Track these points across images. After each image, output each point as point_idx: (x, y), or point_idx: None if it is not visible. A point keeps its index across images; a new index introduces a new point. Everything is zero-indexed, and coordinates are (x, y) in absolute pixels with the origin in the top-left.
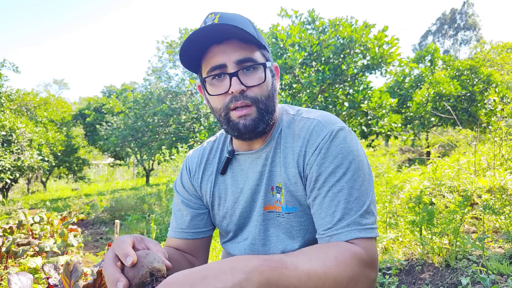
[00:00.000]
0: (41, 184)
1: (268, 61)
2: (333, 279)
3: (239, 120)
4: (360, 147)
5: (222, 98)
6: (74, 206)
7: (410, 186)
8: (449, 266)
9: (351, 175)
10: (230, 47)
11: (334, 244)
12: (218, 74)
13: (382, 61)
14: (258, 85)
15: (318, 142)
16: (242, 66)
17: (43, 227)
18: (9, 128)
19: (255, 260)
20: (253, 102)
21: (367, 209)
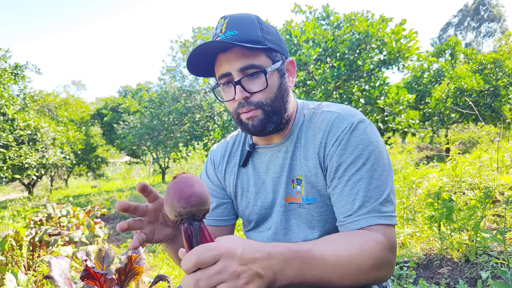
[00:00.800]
0: (63, 181)
1: (276, 62)
2: (357, 267)
3: (248, 122)
4: (379, 139)
5: (231, 103)
6: (96, 202)
7: (428, 183)
8: (468, 261)
9: (370, 165)
10: (233, 56)
11: (358, 233)
12: (225, 82)
13: (400, 55)
14: (261, 91)
15: (339, 133)
16: (245, 73)
17: (69, 219)
18: (34, 127)
19: (287, 251)
20: (258, 107)
21: (386, 197)
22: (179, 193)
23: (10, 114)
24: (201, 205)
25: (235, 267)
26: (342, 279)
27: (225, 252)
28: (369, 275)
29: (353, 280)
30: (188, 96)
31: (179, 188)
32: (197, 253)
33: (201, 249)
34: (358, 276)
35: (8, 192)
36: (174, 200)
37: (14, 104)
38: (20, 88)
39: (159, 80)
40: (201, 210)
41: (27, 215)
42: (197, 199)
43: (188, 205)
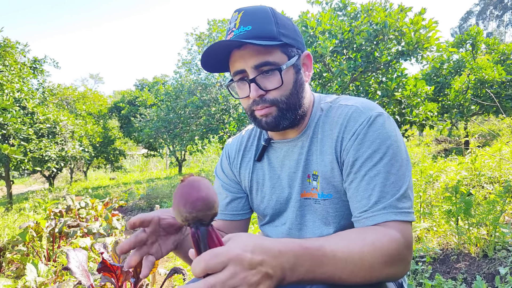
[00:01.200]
0: (82, 173)
1: (291, 57)
2: (369, 264)
3: (262, 118)
4: (398, 133)
5: (246, 100)
6: (114, 194)
7: (446, 177)
8: (486, 256)
9: (388, 160)
10: (247, 53)
11: (372, 229)
12: (240, 79)
13: (419, 46)
14: (276, 89)
15: (356, 127)
16: (260, 70)
17: (88, 211)
18: (53, 120)
19: (298, 249)
20: (273, 104)
21: (403, 193)
22: (185, 198)
23: (30, 108)
24: (208, 210)
25: (244, 273)
26: (353, 276)
27: (233, 257)
28: (381, 273)
29: (364, 277)
30: (203, 89)
31: (185, 193)
32: (206, 260)
33: (209, 255)
34: (370, 273)
35: (30, 184)
36: (180, 205)
37: (34, 97)
38: (39, 82)
39: (175, 73)
40: (208, 215)
41: (47, 206)
42: (203, 204)
43: (194, 211)
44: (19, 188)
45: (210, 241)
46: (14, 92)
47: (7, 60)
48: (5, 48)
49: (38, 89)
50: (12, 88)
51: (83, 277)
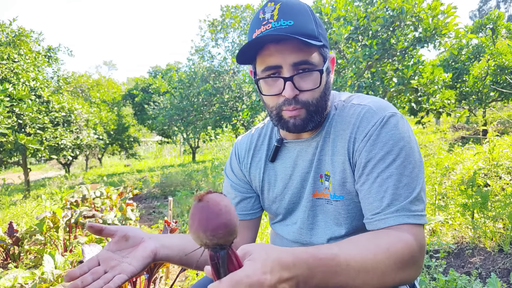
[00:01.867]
0: (98, 160)
1: (326, 59)
2: (382, 272)
3: (290, 120)
4: (411, 134)
5: (275, 98)
6: (128, 182)
7: (462, 167)
8: (502, 251)
9: (401, 161)
10: (287, 48)
11: (386, 233)
12: (272, 74)
13: (436, 32)
14: (311, 90)
15: (369, 128)
16: (298, 69)
17: (103, 201)
18: (68, 109)
19: (311, 261)
20: (304, 106)
21: (416, 196)
22: (205, 224)
23: (45, 97)
24: (229, 236)
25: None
26: (366, 284)
27: (254, 283)
28: (395, 278)
29: (377, 284)
30: (217, 77)
31: (205, 217)
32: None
33: (230, 283)
34: (383, 280)
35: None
36: (199, 231)
37: (49, 86)
38: (54, 71)
39: (188, 61)
40: (229, 240)
41: (63, 196)
42: (225, 231)
43: (215, 238)
44: (36, 174)
45: (229, 264)
46: (29, 81)
47: (22, 49)
48: (20, 37)
49: (52, 78)
50: (27, 77)
51: None
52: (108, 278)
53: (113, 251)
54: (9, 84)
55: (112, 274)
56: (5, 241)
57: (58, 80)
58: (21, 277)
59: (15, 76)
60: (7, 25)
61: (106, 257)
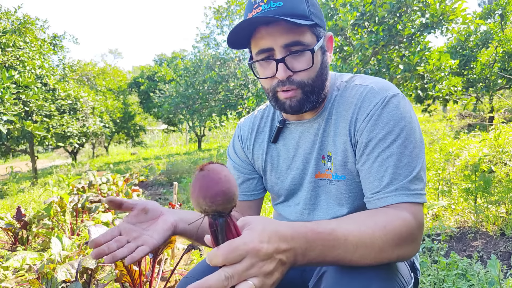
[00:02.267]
0: (104, 148)
1: (320, 38)
2: (379, 248)
3: (286, 101)
4: (413, 114)
5: (269, 80)
6: (134, 169)
7: (468, 154)
8: (504, 235)
9: (401, 141)
10: (277, 30)
11: (384, 211)
12: (265, 58)
13: (444, 18)
14: (305, 70)
15: (370, 108)
16: (290, 50)
17: (109, 187)
18: (74, 97)
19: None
20: (299, 86)
21: (416, 175)
22: (204, 191)
23: (51, 84)
24: (227, 203)
25: (261, 263)
26: (363, 259)
27: (251, 250)
28: (392, 254)
29: (374, 259)
30: (222, 64)
31: (205, 185)
32: (224, 254)
33: (227, 249)
34: (381, 255)
35: (53, 159)
36: (199, 198)
37: (55, 74)
38: (59, 58)
39: (193, 48)
40: (227, 208)
41: (70, 182)
42: (223, 198)
43: (214, 204)
44: (43, 162)
45: (228, 232)
46: (35, 69)
47: (27, 36)
48: (25, 24)
49: (58, 66)
50: (33, 65)
51: None
52: (132, 248)
53: (133, 224)
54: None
55: (135, 244)
56: (13, 225)
57: (64, 68)
58: (29, 258)
59: (21, 64)
60: (12, 13)
61: (127, 228)
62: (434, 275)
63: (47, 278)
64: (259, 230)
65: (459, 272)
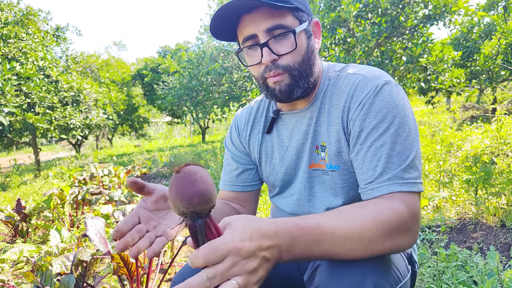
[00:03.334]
0: (108, 140)
1: (303, 22)
2: (369, 240)
3: (275, 86)
4: (406, 102)
5: (257, 67)
6: (137, 161)
7: (470, 145)
8: (504, 226)
9: (394, 129)
10: (259, 16)
11: (374, 202)
12: (250, 45)
13: (446, 10)
14: (290, 53)
15: (362, 97)
16: (272, 34)
17: (111, 179)
18: (77, 89)
19: (294, 230)
20: (285, 70)
21: (410, 163)
22: (181, 193)
23: (54, 76)
24: (205, 204)
25: (243, 261)
26: (353, 252)
27: (231, 249)
28: (384, 246)
29: (365, 252)
30: (226, 56)
31: (181, 187)
32: (205, 256)
33: (208, 250)
34: (371, 248)
35: (57, 151)
36: (176, 200)
37: (57, 66)
38: (62, 50)
39: (197, 40)
40: (205, 209)
41: (71, 174)
42: (200, 199)
43: (191, 206)
44: (47, 155)
45: (207, 233)
46: (38, 61)
47: (30, 28)
48: (28, 16)
49: (61, 57)
50: (36, 57)
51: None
52: (153, 238)
53: (150, 211)
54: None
55: (154, 233)
56: (13, 218)
57: (67, 59)
58: (27, 251)
59: (23, 56)
60: (14, 4)
61: (146, 216)
62: (434, 266)
63: (41, 271)
64: (240, 228)
65: (458, 263)
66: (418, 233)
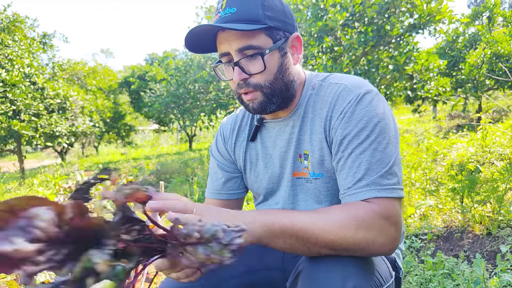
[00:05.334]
0: (94, 148)
1: (277, 40)
2: (339, 223)
3: (249, 103)
4: (387, 110)
5: (232, 83)
6: (124, 169)
7: (456, 153)
8: (490, 234)
9: (374, 137)
10: (231, 35)
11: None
12: (227, 62)
13: (430, 19)
14: (260, 73)
15: (344, 106)
16: (244, 54)
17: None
18: (63, 96)
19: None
20: (256, 88)
21: (389, 170)
22: None
23: (40, 83)
24: None
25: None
26: (325, 233)
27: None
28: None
29: (338, 235)
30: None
31: None
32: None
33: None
34: (343, 232)
35: (42, 159)
36: None
37: (44, 73)
38: (49, 57)
39: (185, 48)
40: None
41: (57, 182)
42: None
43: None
44: (32, 163)
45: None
46: (24, 68)
47: (16, 35)
48: (14, 23)
49: (48, 64)
50: (22, 63)
51: None
52: None
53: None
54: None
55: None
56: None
57: (53, 67)
58: None
59: (9, 62)
60: (1, 11)
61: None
62: (421, 274)
63: None
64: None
65: (445, 271)
66: (397, 239)
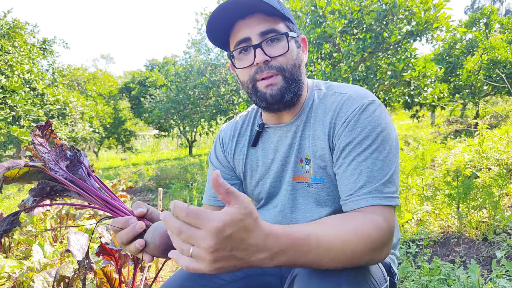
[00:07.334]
0: (94, 154)
1: (292, 31)
2: (351, 252)
3: (266, 90)
4: (388, 120)
5: (248, 70)
6: (124, 175)
7: (454, 159)
8: (486, 240)
9: (376, 146)
10: (253, 21)
11: (354, 217)
12: (243, 48)
13: (427, 26)
14: (283, 55)
15: (348, 114)
16: (266, 37)
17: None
18: (63, 102)
19: (284, 239)
20: (279, 71)
21: (389, 178)
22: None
23: (40, 89)
24: None
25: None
26: (335, 263)
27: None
28: (363, 259)
29: (345, 263)
30: (213, 70)
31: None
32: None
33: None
34: (351, 261)
35: None
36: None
37: (44, 79)
38: (49, 63)
39: (185, 54)
40: None
41: None
42: None
43: None
44: None
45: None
46: (24, 74)
47: (16, 41)
48: (15, 29)
49: (47, 70)
50: (22, 70)
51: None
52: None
53: None
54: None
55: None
56: None
57: (53, 72)
58: (9, 266)
59: (9, 68)
60: (1, 17)
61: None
62: (417, 280)
63: (23, 287)
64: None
65: (441, 277)
66: (391, 246)
